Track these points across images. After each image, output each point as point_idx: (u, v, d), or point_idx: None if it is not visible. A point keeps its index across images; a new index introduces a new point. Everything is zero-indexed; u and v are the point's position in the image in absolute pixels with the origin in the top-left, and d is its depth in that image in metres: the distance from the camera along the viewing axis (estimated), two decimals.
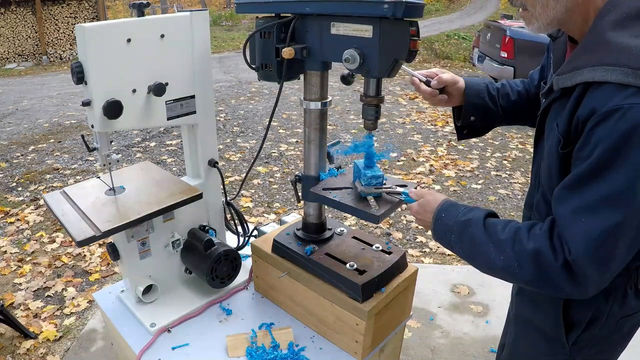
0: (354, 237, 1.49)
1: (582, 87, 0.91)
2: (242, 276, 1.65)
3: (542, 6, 0.98)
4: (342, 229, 1.53)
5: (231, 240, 1.76)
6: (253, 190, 4.46)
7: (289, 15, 1.23)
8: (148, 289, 1.53)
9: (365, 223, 3.79)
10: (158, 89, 1.33)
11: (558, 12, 0.98)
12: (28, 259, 3.40)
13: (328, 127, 1.46)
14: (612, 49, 0.88)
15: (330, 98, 1.36)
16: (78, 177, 4.77)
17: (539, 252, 0.94)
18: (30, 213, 4.04)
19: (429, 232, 1.18)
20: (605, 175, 0.86)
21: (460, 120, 1.40)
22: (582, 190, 0.90)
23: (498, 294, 2.93)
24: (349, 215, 3.75)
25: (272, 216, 3.99)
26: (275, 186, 4.56)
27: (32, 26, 12.25)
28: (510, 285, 1.37)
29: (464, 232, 1.07)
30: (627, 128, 0.83)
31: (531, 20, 1.02)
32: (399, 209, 3.95)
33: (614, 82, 0.85)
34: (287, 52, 1.19)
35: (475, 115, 1.37)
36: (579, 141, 0.91)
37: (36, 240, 3.63)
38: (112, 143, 1.42)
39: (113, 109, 1.25)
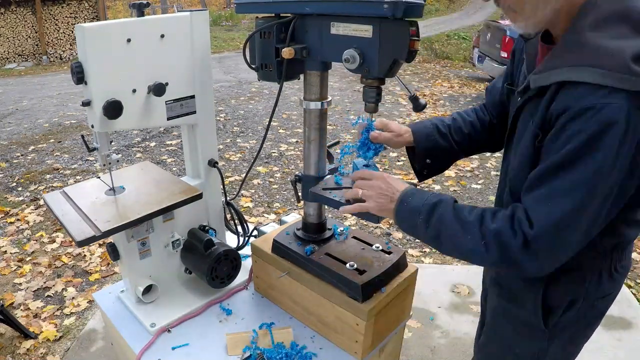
0: (354, 237, 1.49)
1: (557, 85, 0.94)
2: (242, 276, 1.65)
3: (531, 8, 0.99)
4: (342, 229, 1.53)
5: (231, 240, 1.76)
6: (253, 190, 4.46)
7: (289, 15, 1.23)
8: (148, 289, 1.53)
9: (365, 223, 3.79)
10: (158, 89, 1.33)
11: (547, 15, 0.98)
12: (28, 259, 3.40)
13: (328, 127, 1.47)
14: (590, 49, 0.89)
15: (330, 98, 1.36)
16: (78, 177, 4.77)
17: (500, 232, 0.98)
18: (30, 213, 4.04)
19: (377, 211, 1.16)
20: (572, 169, 0.91)
21: (417, 163, 1.40)
22: (549, 180, 0.95)
23: None
24: (349, 215, 3.75)
25: (272, 216, 3.99)
26: (275, 186, 4.56)
27: (32, 26, 12.25)
28: None
29: (432, 213, 1.08)
30: (597, 127, 0.86)
31: (520, 20, 1.03)
32: None
33: (590, 82, 0.87)
34: (287, 52, 1.19)
35: (430, 157, 1.37)
36: (550, 134, 0.95)
37: (36, 240, 3.63)
38: (112, 143, 1.42)
39: (113, 109, 1.25)
